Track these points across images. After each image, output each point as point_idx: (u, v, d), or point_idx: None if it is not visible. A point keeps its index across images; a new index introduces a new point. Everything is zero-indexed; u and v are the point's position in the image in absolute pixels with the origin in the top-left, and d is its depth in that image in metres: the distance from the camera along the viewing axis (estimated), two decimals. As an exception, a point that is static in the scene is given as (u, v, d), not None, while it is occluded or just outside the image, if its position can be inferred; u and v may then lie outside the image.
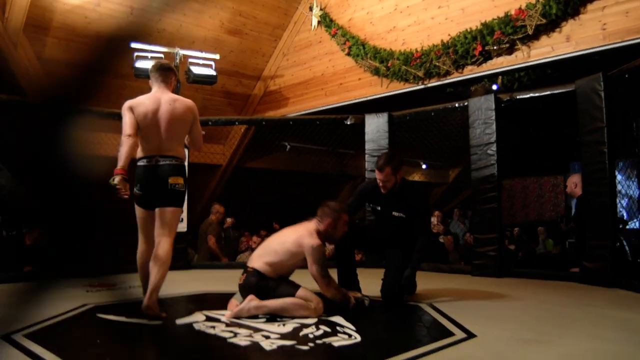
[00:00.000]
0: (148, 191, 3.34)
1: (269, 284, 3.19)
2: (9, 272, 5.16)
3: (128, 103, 3.46)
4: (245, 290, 3.21)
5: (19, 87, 6.46)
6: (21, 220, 6.51)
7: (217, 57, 7.30)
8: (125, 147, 3.22)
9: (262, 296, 3.13)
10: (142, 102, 3.43)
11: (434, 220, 6.63)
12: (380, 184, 3.69)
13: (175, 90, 6.63)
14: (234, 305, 3.21)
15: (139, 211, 3.50)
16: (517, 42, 5.54)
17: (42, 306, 3.20)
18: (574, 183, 5.17)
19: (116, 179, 3.12)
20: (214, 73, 7.17)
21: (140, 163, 3.36)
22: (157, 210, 3.35)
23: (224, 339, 2.63)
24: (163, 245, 3.29)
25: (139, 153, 3.37)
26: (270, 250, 3.32)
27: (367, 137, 6.12)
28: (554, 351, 2.37)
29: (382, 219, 3.88)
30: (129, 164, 3.21)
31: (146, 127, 3.33)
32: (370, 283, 3.86)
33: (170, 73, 3.54)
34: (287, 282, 3.28)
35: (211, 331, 2.80)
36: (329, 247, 7.92)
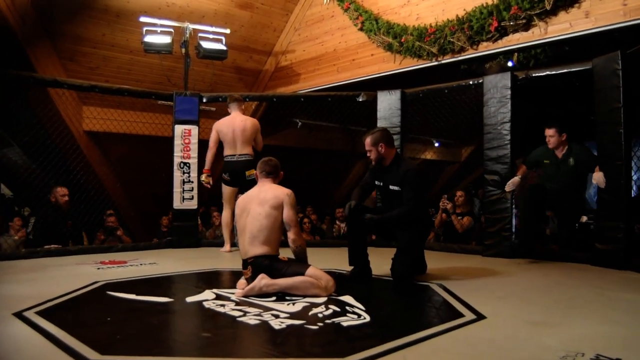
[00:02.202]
0: (232, 176, 5.21)
1: (279, 265, 3.19)
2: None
3: (220, 122, 5.26)
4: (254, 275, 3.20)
5: (29, 63, 6.44)
6: (32, 197, 6.56)
7: (227, 31, 7.23)
8: (209, 155, 5.29)
9: (272, 276, 3.13)
10: (225, 124, 5.24)
11: (444, 198, 6.56)
12: (367, 155, 3.89)
13: (185, 67, 6.65)
14: (243, 284, 3.21)
15: (226, 189, 5.32)
16: (534, 17, 5.40)
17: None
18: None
19: (203, 176, 5.34)
20: (224, 48, 7.11)
21: (227, 159, 5.23)
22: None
23: (233, 317, 2.63)
24: None
25: (225, 152, 5.23)
26: (255, 229, 3.24)
27: (379, 115, 6.06)
28: (564, 334, 2.35)
29: (383, 194, 4.01)
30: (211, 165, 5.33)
31: (229, 138, 5.19)
32: (382, 263, 3.86)
33: (242, 102, 5.47)
34: (297, 262, 3.29)
35: (220, 309, 2.81)
36: (342, 226, 7.95)
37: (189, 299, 3.07)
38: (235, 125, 5.18)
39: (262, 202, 3.29)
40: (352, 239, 3.87)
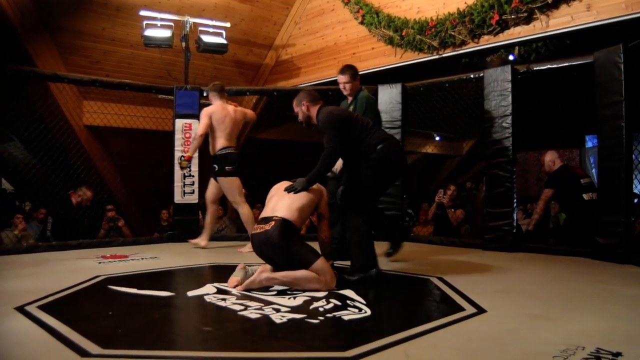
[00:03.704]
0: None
1: (293, 242, 3.13)
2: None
3: (214, 109, 5.01)
4: (263, 244, 3.17)
5: (29, 57, 6.43)
6: (32, 191, 6.62)
7: (227, 25, 7.21)
8: (199, 141, 4.98)
9: (282, 253, 3.10)
10: (218, 110, 5.01)
11: (440, 192, 6.60)
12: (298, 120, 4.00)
13: (186, 60, 6.64)
14: (235, 282, 3.15)
15: (237, 181, 5.02)
16: (536, 10, 5.38)
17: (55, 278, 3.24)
18: (552, 161, 5.36)
19: (184, 162, 5.07)
20: (224, 42, 7.09)
21: (229, 150, 4.98)
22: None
23: (235, 311, 2.64)
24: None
25: (222, 143, 4.97)
26: (292, 197, 3.36)
27: (379, 108, 6.03)
28: (564, 328, 2.35)
29: None
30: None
31: (224, 126, 4.99)
32: (383, 258, 3.86)
33: (225, 92, 5.28)
34: (309, 249, 3.19)
35: (222, 303, 2.81)
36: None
37: (190, 293, 3.07)
38: (231, 115, 5.05)
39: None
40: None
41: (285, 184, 3.57)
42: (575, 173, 5.28)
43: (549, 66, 5.00)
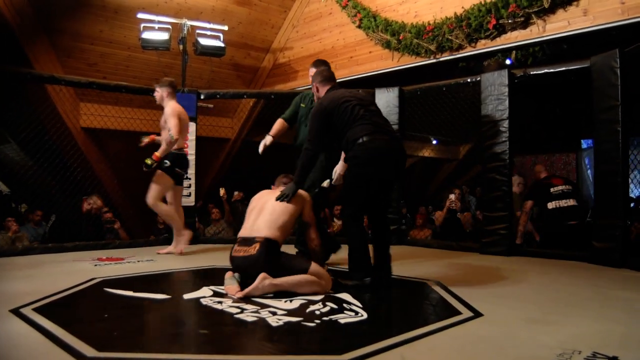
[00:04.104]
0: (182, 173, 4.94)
1: (281, 259, 3.14)
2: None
3: (181, 110, 4.74)
4: (249, 267, 3.10)
5: (27, 59, 6.42)
6: (29, 193, 6.63)
7: (225, 28, 7.21)
8: (173, 145, 4.66)
9: (273, 272, 3.05)
10: (183, 111, 4.77)
11: (452, 197, 6.56)
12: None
13: (183, 63, 6.64)
14: (234, 289, 3.08)
15: (170, 182, 4.83)
16: (533, 15, 5.40)
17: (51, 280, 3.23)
18: (539, 172, 5.70)
19: (149, 161, 4.62)
20: (222, 45, 7.09)
21: (180, 152, 4.84)
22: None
23: (231, 314, 2.63)
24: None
25: (180, 144, 4.79)
26: (274, 213, 3.24)
27: (377, 112, 6.04)
28: (561, 332, 2.35)
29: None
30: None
31: (185, 127, 4.86)
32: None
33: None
34: (299, 257, 3.24)
35: (218, 306, 2.81)
36: (338, 223, 7.94)
37: (187, 296, 3.06)
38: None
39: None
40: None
41: (265, 194, 3.48)
42: (549, 183, 5.42)
43: (545, 70, 5.03)
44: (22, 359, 1.98)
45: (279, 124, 4.49)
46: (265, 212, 3.27)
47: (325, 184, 3.99)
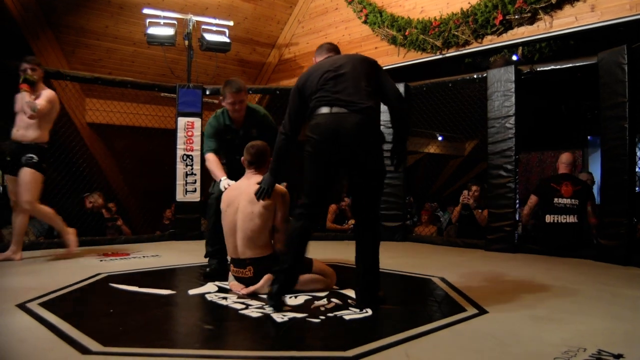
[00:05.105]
0: None
1: None
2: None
3: (53, 96, 4.27)
4: (254, 282, 3.02)
5: (32, 54, 6.43)
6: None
7: (230, 23, 7.20)
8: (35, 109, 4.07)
9: None
10: (57, 100, 4.36)
11: (465, 193, 6.37)
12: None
13: (189, 59, 6.64)
14: (239, 286, 3.06)
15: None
16: (540, 11, 5.37)
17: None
18: (558, 164, 5.20)
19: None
20: (227, 40, 7.08)
21: (46, 146, 4.32)
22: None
23: (236, 310, 2.64)
24: None
25: (46, 137, 4.30)
26: (250, 234, 3.01)
27: (382, 108, 6.03)
28: (566, 329, 2.34)
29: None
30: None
31: (53, 118, 4.36)
32: (384, 257, 3.85)
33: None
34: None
35: (223, 302, 2.82)
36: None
37: (192, 292, 3.07)
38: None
39: (253, 199, 3.01)
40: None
41: (235, 192, 3.15)
42: (557, 190, 4.94)
43: (552, 67, 5.01)
44: (29, 353, 1.99)
45: None
46: (240, 233, 3.04)
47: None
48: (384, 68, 6.90)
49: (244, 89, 3.69)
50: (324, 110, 2.71)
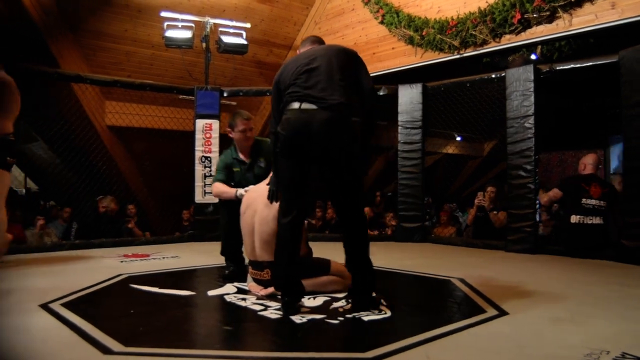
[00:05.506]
0: None
1: (303, 273, 2.90)
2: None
3: (10, 80, 3.56)
4: (269, 286, 3.04)
5: (53, 58, 6.53)
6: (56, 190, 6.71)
7: (247, 25, 7.23)
8: None
9: None
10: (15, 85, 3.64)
11: (480, 195, 6.29)
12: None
13: (206, 61, 6.68)
14: (258, 287, 3.08)
15: None
16: (559, 9, 5.30)
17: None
18: (583, 164, 5.04)
19: None
20: (244, 42, 7.11)
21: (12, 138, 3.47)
22: None
23: (255, 311, 2.65)
24: None
25: (9, 127, 3.42)
26: (266, 237, 3.01)
27: (400, 109, 6.03)
28: (588, 331, 2.31)
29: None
30: None
31: (16, 106, 3.52)
32: (402, 257, 3.84)
33: None
34: (317, 262, 3.15)
35: (242, 303, 2.83)
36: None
37: (211, 293, 3.09)
38: None
39: (269, 203, 2.99)
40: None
41: (253, 195, 3.20)
42: (586, 190, 4.82)
43: (572, 66, 4.95)
44: (51, 353, 2.02)
45: None
46: (257, 236, 3.05)
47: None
48: (401, 68, 6.98)
49: (252, 117, 3.86)
50: (294, 106, 2.66)
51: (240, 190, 3.52)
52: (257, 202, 3.10)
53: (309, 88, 2.66)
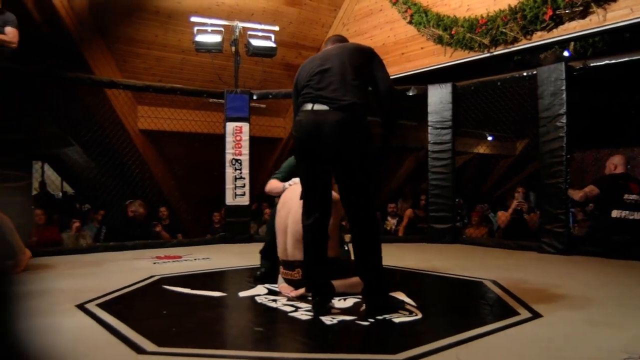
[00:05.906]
0: None
1: (333, 275, 2.88)
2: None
3: None
4: (300, 287, 3.04)
5: (86, 64, 6.69)
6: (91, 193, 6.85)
7: (276, 28, 7.28)
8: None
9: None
10: None
11: (518, 196, 6.22)
12: None
13: (235, 64, 6.75)
14: (289, 288, 3.09)
15: None
16: (592, 4, 5.19)
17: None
18: (613, 164, 5.01)
19: None
20: (273, 45, 7.16)
21: None
22: None
23: (285, 312, 2.66)
24: None
25: None
26: (298, 234, 2.94)
27: (429, 109, 5.98)
28: (624, 334, 2.25)
29: None
30: None
31: None
32: (431, 259, 3.80)
33: None
34: (348, 263, 3.17)
35: (273, 304, 2.84)
36: (392, 221, 7.89)
37: (242, 294, 3.12)
38: None
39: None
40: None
41: (289, 196, 3.22)
42: (626, 185, 4.78)
43: (607, 62, 4.82)
44: (87, 352, 2.07)
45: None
46: (290, 235, 3.06)
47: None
48: (431, 68, 6.93)
49: None
50: (307, 107, 2.66)
51: (288, 182, 3.50)
52: (293, 201, 3.12)
53: (322, 89, 2.65)
